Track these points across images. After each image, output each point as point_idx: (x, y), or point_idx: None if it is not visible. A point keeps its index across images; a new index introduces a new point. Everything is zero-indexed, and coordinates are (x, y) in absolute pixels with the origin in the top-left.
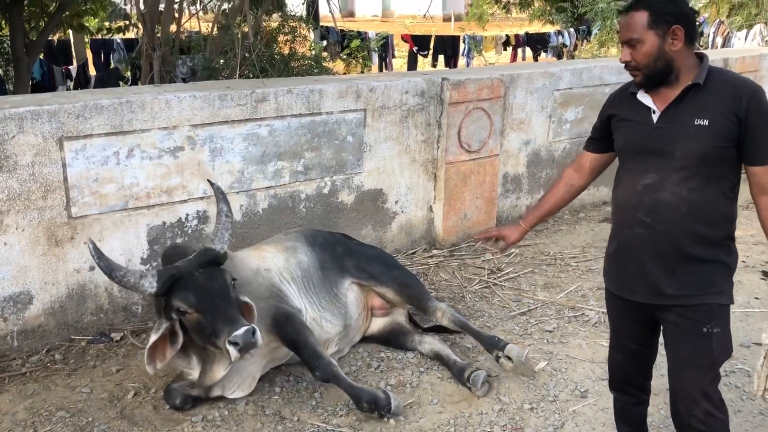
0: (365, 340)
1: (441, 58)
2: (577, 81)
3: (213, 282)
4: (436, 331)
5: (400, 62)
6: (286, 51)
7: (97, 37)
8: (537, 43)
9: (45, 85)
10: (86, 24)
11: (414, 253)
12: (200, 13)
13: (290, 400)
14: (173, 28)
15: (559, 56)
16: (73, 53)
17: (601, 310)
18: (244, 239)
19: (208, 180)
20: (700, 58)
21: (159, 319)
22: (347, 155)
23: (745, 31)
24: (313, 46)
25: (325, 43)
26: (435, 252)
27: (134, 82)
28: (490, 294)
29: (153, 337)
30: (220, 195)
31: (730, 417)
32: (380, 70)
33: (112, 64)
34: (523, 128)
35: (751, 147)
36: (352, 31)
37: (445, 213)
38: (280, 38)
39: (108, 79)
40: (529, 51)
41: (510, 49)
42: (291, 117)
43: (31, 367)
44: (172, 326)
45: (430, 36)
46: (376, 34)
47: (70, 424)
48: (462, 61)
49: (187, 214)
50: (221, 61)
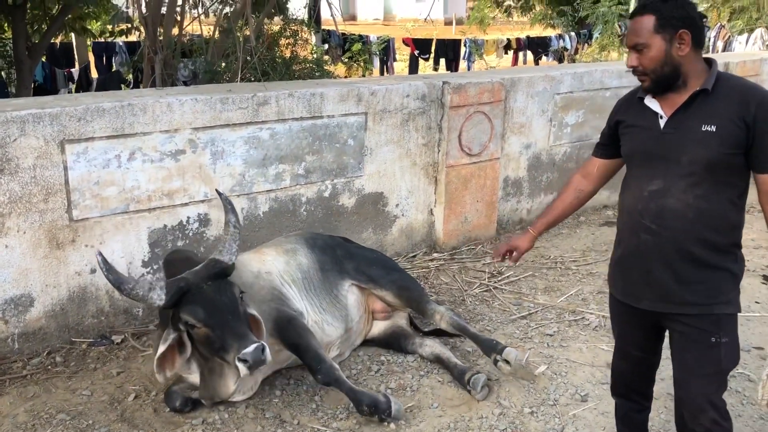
0: (366, 343)
1: (442, 61)
2: (577, 85)
3: (222, 296)
4: (437, 334)
5: (401, 66)
6: (288, 54)
7: (99, 40)
8: (538, 46)
9: (47, 87)
10: (88, 27)
11: (414, 257)
12: (202, 16)
13: (290, 403)
14: (175, 31)
15: (560, 60)
16: (76, 56)
17: (602, 314)
18: (245, 242)
19: (216, 190)
20: (709, 64)
21: (167, 329)
22: (348, 158)
23: (746, 35)
24: (314, 50)
25: (326, 46)
26: (435, 255)
27: (136, 85)
28: (491, 297)
29: (161, 348)
30: (228, 206)
31: None
32: (381, 73)
33: (114, 67)
34: (523, 132)
35: (759, 154)
36: (354, 34)
37: (445, 216)
38: (282, 42)
39: (110, 82)
40: (530, 55)
41: (511, 52)
42: (292, 120)
43: (32, 369)
44: (180, 336)
45: (432, 39)
46: (378, 38)
47: (70, 426)
48: (463, 65)
49: (189, 217)
50: (223, 64)
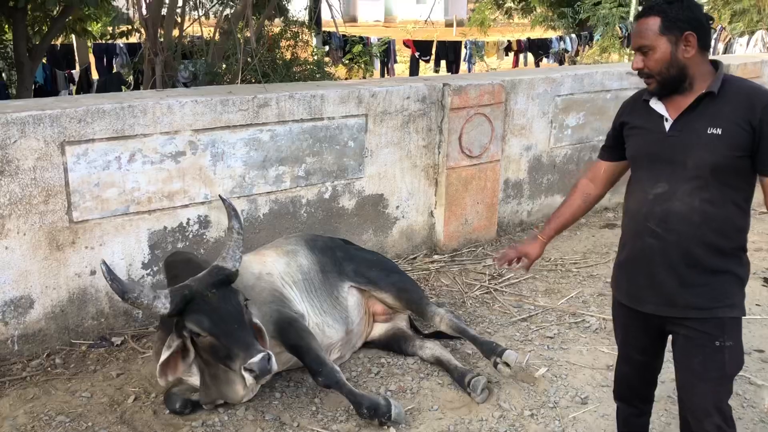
0: (366, 345)
1: (443, 63)
2: (578, 87)
3: (227, 304)
4: (437, 336)
5: (402, 67)
6: (289, 56)
7: (100, 41)
8: (539, 48)
9: (47, 89)
10: (89, 29)
11: (415, 259)
12: (203, 18)
13: (290, 406)
14: (176, 33)
15: (561, 62)
16: (76, 58)
17: (602, 316)
18: (245, 244)
19: (220, 196)
20: (716, 66)
21: (171, 335)
22: (348, 160)
23: (746, 37)
24: (315, 51)
25: (327, 48)
26: (436, 257)
27: (137, 86)
28: (491, 300)
29: (165, 354)
30: (232, 212)
31: None
32: (382, 75)
33: (115, 68)
34: (524, 134)
35: (765, 157)
36: (355, 36)
37: (446, 218)
38: (283, 43)
39: (110, 83)
40: (530, 56)
41: (512, 54)
42: (293, 122)
43: (32, 371)
44: (184, 342)
45: (432, 41)
46: (379, 39)
47: (70, 428)
48: (464, 67)
49: (189, 219)
50: (223, 66)
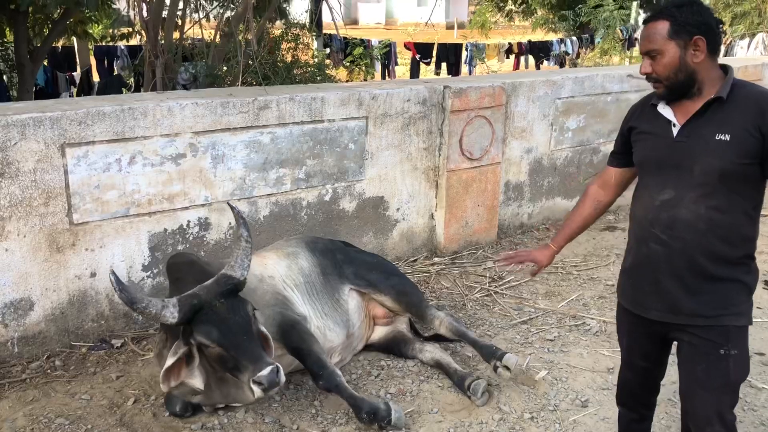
0: (366, 347)
1: (444, 65)
2: (579, 89)
3: (236, 315)
4: (437, 339)
5: (402, 70)
6: (289, 58)
7: (101, 43)
8: (539, 51)
9: (48, 91)
10: (90, 31)
11: (415, 261)
12: (203, 20)
13: (290, 408)
14: (176, 35)
15: (562, 64)
16: (77, 60)
17: (603, 319)
18: None
19: (228, 203)
20: (725, 70)
21: (177, 341)
22: (349, 163)
23: (747, 39)
24: (316, 54)
25: (328, 50)
26: (436, 260)
27: (137, 89)
28: (491, 302)
29: (170, 360)
30: (240, 220)
31: None
32: (383, 77)
33: (116, 70)
34: (524, 136)
35: None
36: (355, 38)
37: (446, 221)
38: (283, 46)
39: (111, 85)
40: (531, 59)
41: (512, 57)
42: (293, 124)
43: (31, 373)
44: (190, 349)
45: (433, 44)
46: (379, 42)
47: (69, 431)
48: (465, 69)
49: (189, 221)
50: (224, 68)
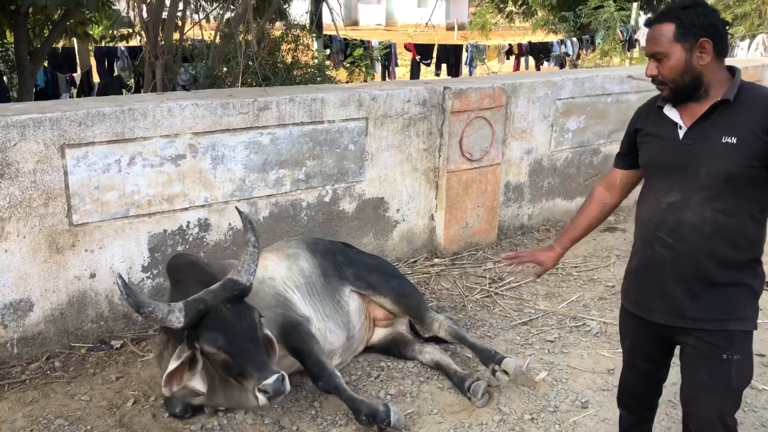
0: (365, 349)
1: (444, 66)
2: (579, 90)
3: (242, 322)
4: (437, 340)
5: (403, 71)
6: (289, 59)
7: (101, 44)
8: (540, 52)
9: (49, 92)
10: (90, 32)
11: (415, 262)
12: (203, 21)
13: (289, 409)
14: (176, 36)
15: (562, 65)
16: (78, 61)
17: (603, 320)
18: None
19: (237, 208)
20: (732, 72)
21: (181, 345)
22: (349, 163)
23: (747, 41)
24: (316, 55)
25: (328, 51)
26: (436, 261)
27: (137, 89)
28: (492, 303)
29: (173, 364)
30: (248, 225)
31: None
32: (383, 78)
33: (116, 71)
34: (525, 137)
35: None
36: (356, 39)
37: (446, 222)
38: (283, 47)
39: (111, 86)
40: (531, 60)
41: (513, 58)
42: (293, 125)
43: (31, 374)
44: (193, 353)
45: (433, 45)
46: (379, 43)
47: None
48: (465, 70)
49: (188, 222)
50: (224, 69)
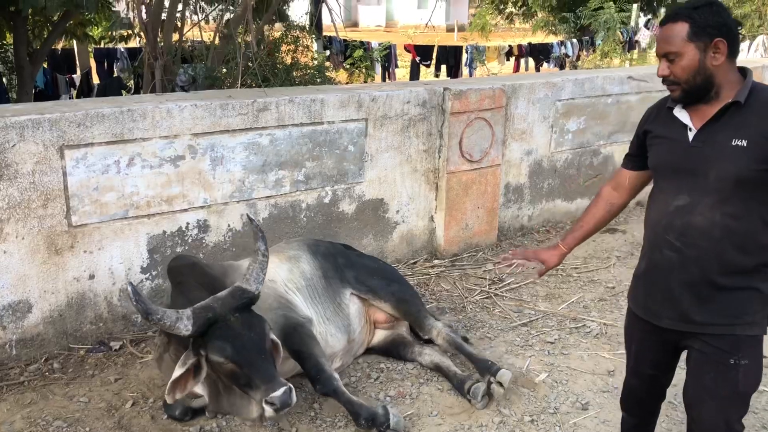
0: (365, 350)
1: (443, 68)
2: (579, 91)
3: (251, 332)
4: None
5: (402, 72)
6: (289, 61)
7: (100, 46)
8: (539, 53)
9: (48, 93)
10: (90, 33)
11: (415, 263)
12: (202, 22)
13: (289, 411)
14: (176, 37)
15: (562, 67)
16: (77, 62)
17: (603, 321)
18: (244, 249)
19: (248, 215)
20: (744, 74)
21: (186, 351)
22: (348, 165)
23: (747, 42)
24: (315, 56)
25: (328, 52)
26: (436, 262)
27: (137, 90)
28: (491, 304)
29: (178, 371)
30: (258, 233)
31: None
32: (383, 80)
33: (116, 72)
34: (525, 138)
35: None
36: (355, 40)
37: (446, 223)
38: (283, 48)
39: (110, 87)
40: (531, 61)
41: (513, 59)
42: (292, 126)
43: (29, 376)
44: (198, 360)
45: (433, 46)
46: (379, 44)
47: None
48: (465, 71)
49: (188, 223)
50: (223, 70)
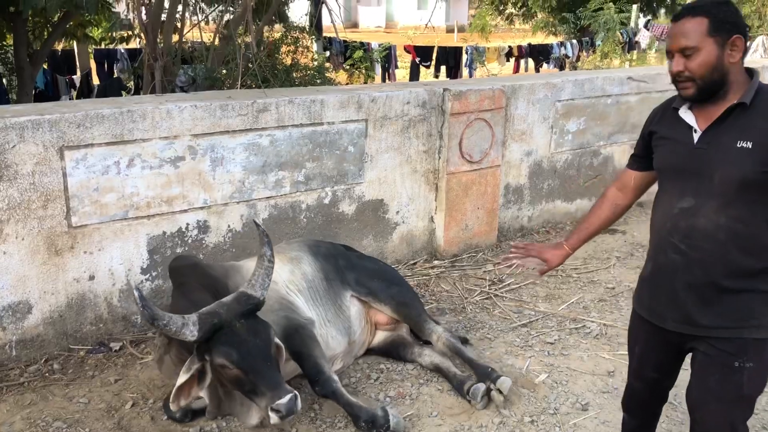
0: (365, 351)
1: (443, 68)
2: (579, 92)
3: (257, 338)
4: None
5: (402, 73)
6: (289, 61)
7: (100, 47)
8: (539, 54)
9: (48, 94)
10: (90, 34)
11: (415, 264)
12: (202, 23)
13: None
14: (175, 38)
15: (561, 67)
16: (77, 63)
17: (603, 322)
18: (244, 249)
19: (254, 221)
20: (750, 74)
21: (191, 357)
22: (348, 165)
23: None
24: (315, 57)
25: (327, 53)
26: (436, 263)
27: (137, 91)
28: (491, 305)
29: (183, 377)
30: (265, 239)
31: None
32: (383, 80)
33: (116, 73)
34: (524, 139)
35: None
36: (355, 41)
37: (446, 224)
38: (283, 49)
39: (110, 88)
40: (531, 62)
41: (512, 60)
42: (292, 127)
43: (29, 377)
44: (203, 366)
45: (433, 47)
46: (379, 45)
47: None
48: (465, 72)
49: (188, 224)
50: (223, 71)
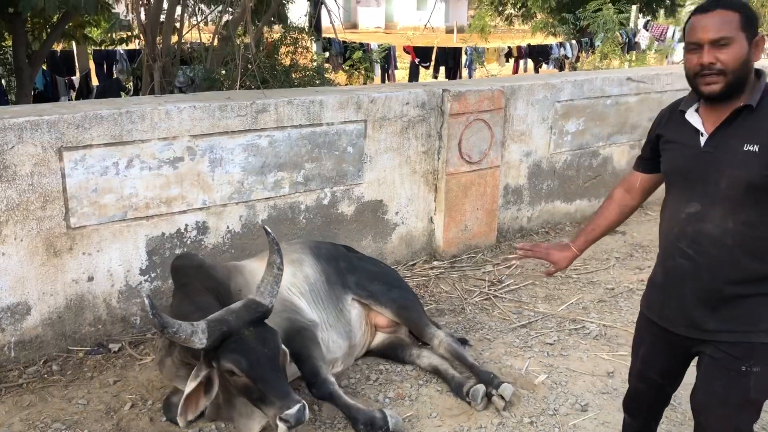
0: (365, 352)
1: (442, 69)
2: (578, 93)
3: (266, 347)
4: None
5: (402, 73)
6: (288, 62)
7: (99, 47)
8: (539, 54)
9: (48, 95)
10: (89, 35)
11: (414, 265)
12: (201, 24)
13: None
14: (174, 39)
15: (561, 68)
16: (76, 64)
17: (602, 322)
18: (243, 250)
19: (263, 227)
20: (758, 76)
21: (198, 364)
22: (347, 166)
23: None
24: (315, 57)
25: (327, 54)
26: (435, 263)
27: (136, 92)
28: (491, 306)
29: (191, 385)
30: (274, 246)
31: None
32: (383, 81)
33: (115, 74)
34: (524, 140)
35: None
36: (355, 42)
37: (445, 224)
38: (282, 49)
39: (109, 89)
40: (530, 63)
41: (512, 60)
42: (291, 128)
43: (28, 378)
44: (210, 373)
45: (432, 48)
46: (379, 46)
47: None
48: (465, 73)
49: (187, 225)
50: (222, 71)
